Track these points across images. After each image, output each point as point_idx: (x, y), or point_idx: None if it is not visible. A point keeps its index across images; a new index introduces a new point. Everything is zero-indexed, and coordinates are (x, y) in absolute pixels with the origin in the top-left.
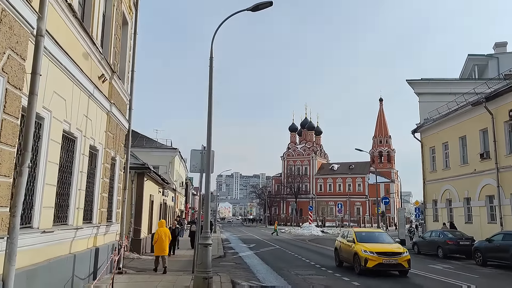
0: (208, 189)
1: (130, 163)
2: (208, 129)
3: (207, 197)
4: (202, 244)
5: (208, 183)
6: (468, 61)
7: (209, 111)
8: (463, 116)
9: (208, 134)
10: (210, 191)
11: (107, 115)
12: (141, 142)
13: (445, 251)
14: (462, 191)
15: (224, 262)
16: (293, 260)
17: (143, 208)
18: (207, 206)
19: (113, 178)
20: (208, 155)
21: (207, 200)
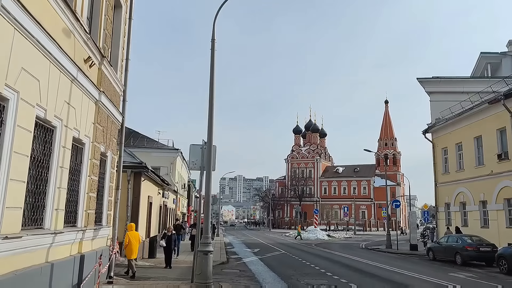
0: (208, 189)
1: (126, 162)
2: (209, 120)
3: (207, 197)
4: (201, 251)
5: (209, 181)
6: (481, 59)
7: (210, 99)
8: (479, 115)
9: (209, 126)
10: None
11: (96, 105)
12: (141, 142)
13: (464, 258)
14: (478, 194)
15: (227, 269)
16: (301, 267)
17: (140, 210)
18: (208, 208)
19: (104, 176)
20: (209, 150)
21: (208, 201)
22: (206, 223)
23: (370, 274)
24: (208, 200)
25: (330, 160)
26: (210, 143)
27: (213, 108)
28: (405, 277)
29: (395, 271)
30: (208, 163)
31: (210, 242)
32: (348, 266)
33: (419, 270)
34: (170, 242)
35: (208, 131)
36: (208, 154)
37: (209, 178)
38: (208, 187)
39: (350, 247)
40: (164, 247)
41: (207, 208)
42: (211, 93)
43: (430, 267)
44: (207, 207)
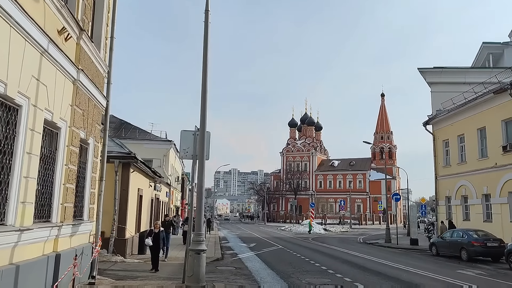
0: (201, 180)
1: (114, 152)
2: (202, 102)
3: (200, 189)
4: (193, 250)
5: (202, 172)
6: (482, 49)
7: (203, 78)
8: (483, 105)
9: (202, 110)
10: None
11: (74, 85)
12: (133, 134)
13: (470, 253)
14: (481, 187)
15: (222, 266)
16: (301, 264)
17: (129, 203)
18: (200, 201)
19: (85, 166)
20: (202, 137)
21: (200, 193)
22: (199, 218)
23: (374, 272)
24: (200, 192)
25: (326, 154)
26: (204, 129)
27: (206, 88)
28: (412, 275)
29: (400, 268)
30: (201, 151)
31: (203, 239)
32: (350, 262)
33: (425, 266)
34: (158, 240)
35: (201, 115)
36: (201, 141)
37: (202, 168)
38: (201, 178)
39: (347, 242)
40: (150, 247)
41: (199, 201)
42: (204, 71)
43: (435, 263)
44: (200, 200)
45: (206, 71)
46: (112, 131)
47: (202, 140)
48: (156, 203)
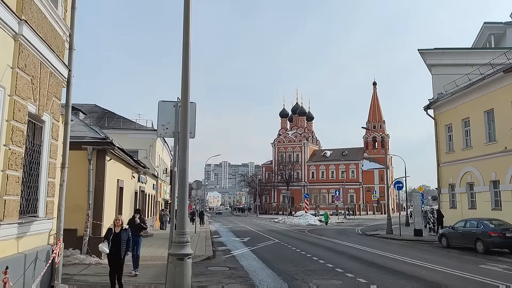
0: (185, 161)
1: (87, 137)
2: (184, 59)
3: (182, 174)
4: (174, 255)
5: (185, 153)
6: (484, 29)
7: (185, 25)
8: (491, 86)
9: (184, 70)
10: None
11: (15, 41)
12: (117, 123)
13: (488, 245)
14: (488, 173)
15: (214, 266)
16: (303, 261)
17: (106, 196)
18: (183, 189)
19: (39, 149)
20: (186, 108)
21: (183, 179)
22: (182, 212)
23: (389, 270)
24: (183, 178)
25: (318, 144)
26: (187, 97)
27: (189, 41)
28: (433, 273)
29: (416, 264)
30: (184, 126)
31: (187, 240)
32: (357, 258)
33: (442, 261)
34: (119, 245)
35: (182, 79)
36: (184, 113)
37: (185, 147)
38: (184, 161)
39: (346, 233)
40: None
41: (182, 190)
42: (186, 16)
43: (452, 257)
44: (183, 188)
45: (188, 17)
46: (95, 120)
47: (185, 112)
48: (141, 196)
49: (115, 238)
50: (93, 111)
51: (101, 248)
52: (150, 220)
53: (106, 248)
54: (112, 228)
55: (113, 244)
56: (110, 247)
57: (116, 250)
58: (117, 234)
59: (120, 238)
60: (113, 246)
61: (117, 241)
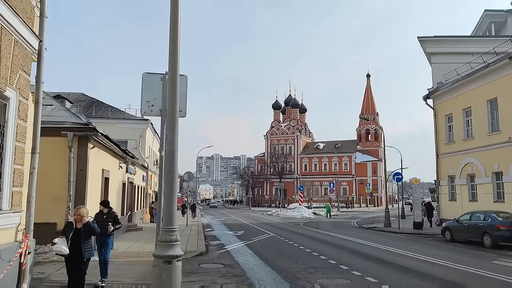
0: (173, 144)
1: (67, 123)
2: (172, 21)
3: (170, 160)
4: (161, 257)
5: (173, 135)
6: (484, 17)
7: None
8: (494, 74)
9: (172, 33)
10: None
11: None
12: (105, 113)
13: (496, 239)
14: (491, 164)
15: (207, 263)
16: (304, 257)
17: (89, 187)
18: (171, 176)
19: (3, 131)
20: (174, 81)
21: (172, 166)
22: (170, 204)
23: (398, 267)
24: (172, 165)
25: (311, 136)
26: (176, 67)
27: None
28: (446, 270)
29: (425, 260)
30: (173, 102)
31: (176, 239)
32: (360, 253)
33: (451, 256)
34: (79, 246)
35: (170, 45)
36: (172, 87)
37: (173, 128)
38: (172, 143)
39: (342, 226)
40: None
41: (170, 179)
42: None
43: (460, 252)
44: (171, 176)
45: None
46: (82, 109)
47: (174, 85)
48: (130, 188)
49: (75, 236)
50: (80, 99)
51: (58, 247)
52: (139, 213)
53: (65, 246)
54: (72, 223)
55: (73, 244)
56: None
57: (76, 253)
58: (78, 230)
59: (81, 236)
60: (73, 246)
61: (77, 241)
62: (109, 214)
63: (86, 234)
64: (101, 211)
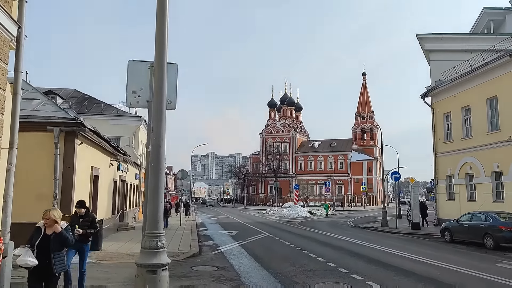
0: (160, 137)
1: (53, 117)
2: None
3: (156, 154)
4: (144, 266)
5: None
6: (483, 15)
7: None
8: (495, 72)
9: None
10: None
11: None
12: (98, 109)
13: (498, 240)
14: (490, 164)
15: (200, 265)
16: (301, 259)
17: (76, 185)
18: (157, 175)
19: None
20: (161, 69)
21: (158, 162)
22: (155, 205)
23: (399, 270)
24: (158, 161)
25: (306, 135)
26: (163, 52)
27: None
28: (450, 274)
29: (426, 262)
30: (159, 92)
31: (162, 245)
32: (359, 255)
33: (453, 259)
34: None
35: (157, 28)
36: (159, 74)
37: (160, 119)
38: (159, 137)
39: (339, 226)
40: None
41: (155, 176)
42: None
43: (461, 254)
44: (156, 174)
45: None
46: (74, 105)
47: (161, 72)
48: (122, 186)
49: (43, 244)
50: (72, 96)
51: (22, 260)
52: (132, 212)
53: (31, 257)
54: (40, 228)
55: (40, 253)
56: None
57: (45, 265)
58: (47, 237)
59: (49, 244)
60: (40, 257)
61: (45, 249)
62: (86, 216)
63: (56, 244)
64: (76, 213)
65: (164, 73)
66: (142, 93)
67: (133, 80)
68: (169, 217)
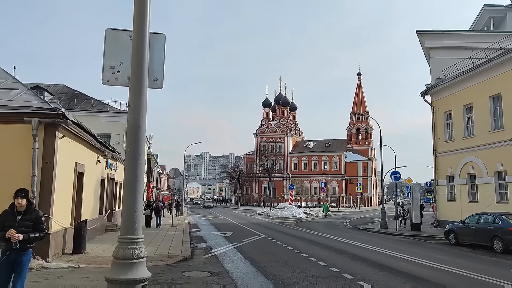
0: (139, 115)
1: (32, 108)
2: None
3: (135, 135)
4: (116, 282)
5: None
6: (483, 12)
7: None
8: (498, 68)
9: None
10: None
11: None
12: (87, 106)
13: (508, 243)
14: (493, 163)
15: (191, 270)
16: (300, 263)
17: (57, 182)
18: (135, 162)
19: None
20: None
21: (137, 147)
22: (131, 202)
23: (411, 276)
24: (136, 146)
25: (301, 135)
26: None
27: None
28: (470, 282)
29: (439, 268)
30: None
31: (140, 255)
32: (363, 259)
33: (465, 264)
34: None
35: None
36: (138, 44)
37: (140, 95)
38: (138, 115)
39: (337, 227)
40: None
41: (132, 164)
42: None
43: (470, 258)
44: (134, 162)
45: None
46: (63, 101)
47: (141, 40)
48: (110, 184)
49: None
50: (61, 91)
51: None
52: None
53: None
54: None
55: None
56: None
57: None
58: None
59: None
60: None
61: None
62: (27, 213)
63: None
64: (13, 208)
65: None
66: (123, 68)
67: (111, 53)
68: (162, 216)
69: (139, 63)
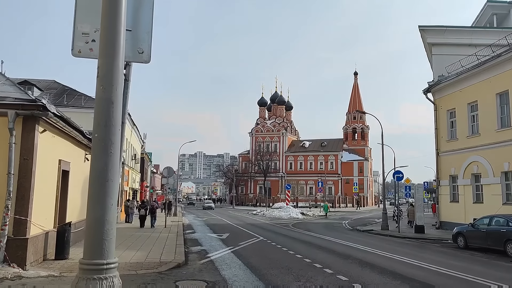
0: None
1: (9, 99)
2: None
3: (106, 120)
4: None
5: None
6: (486, 9)
7: None
8: (505, 65)
9: None
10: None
11: None
12: (78, 102)
13: None
14: (500, 163)
15: (185, 279)
16: (303, 270)
17: (37, 181)
18: (106, 154)
19: None
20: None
21: (107, 133)
22: (100, 211)
23: (427, 286)
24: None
25: (296, 134)
26: None
27: None
28: None
29: (455, 276)
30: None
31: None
32: (371, 265)
33: (480, 271)
34: None
35: None
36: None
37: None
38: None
39: (335, 229)
40: None
41: (101, 154)
42: None
43: (485, 263)
44: (104, 151)
45: None
46: (53, 97)
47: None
48: None
49: None
50: (51, 87)
51: None
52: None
53: None
54: None
55: None
56: None
57: None
58: None
59: None
60: None
61: None
62: None
63: None
64: None
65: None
66: (98, 36)
67: (84, 15)
68: (156, 217)
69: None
